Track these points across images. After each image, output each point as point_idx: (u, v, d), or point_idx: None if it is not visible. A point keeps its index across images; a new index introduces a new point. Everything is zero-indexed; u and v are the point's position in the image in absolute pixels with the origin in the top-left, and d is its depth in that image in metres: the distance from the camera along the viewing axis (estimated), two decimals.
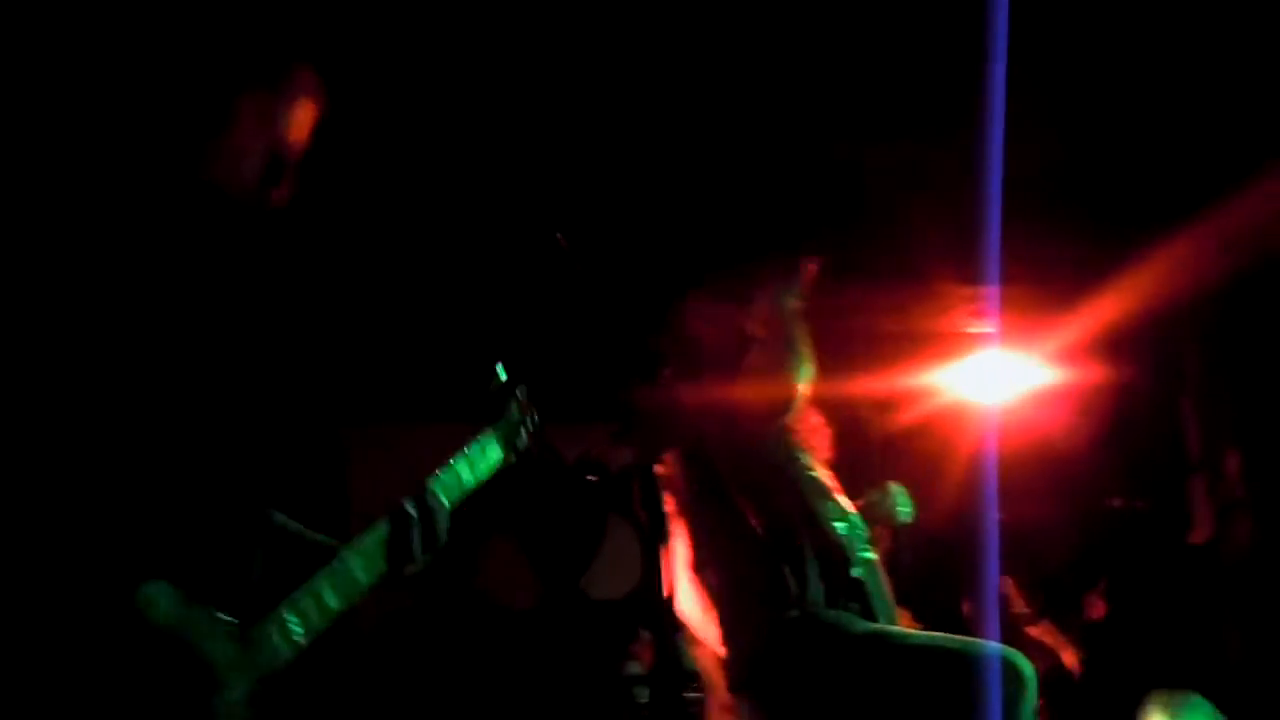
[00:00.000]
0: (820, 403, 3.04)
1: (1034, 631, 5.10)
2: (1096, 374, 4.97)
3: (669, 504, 2.71)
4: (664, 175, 4.03)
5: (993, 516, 4.40)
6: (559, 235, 2.01)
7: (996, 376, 5.13)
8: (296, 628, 1.59)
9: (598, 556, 5.78)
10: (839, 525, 2.64)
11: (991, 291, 4.38)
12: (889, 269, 4.44)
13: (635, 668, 4.98)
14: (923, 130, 3.92)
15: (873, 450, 2.92)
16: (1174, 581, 5.05)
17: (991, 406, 5.10)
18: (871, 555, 2.70)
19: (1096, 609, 5.05)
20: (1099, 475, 5.30)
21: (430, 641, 5.54)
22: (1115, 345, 4.80)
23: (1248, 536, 4.94)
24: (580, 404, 2.10)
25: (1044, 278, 4.63)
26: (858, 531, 2.70)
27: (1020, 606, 5.09)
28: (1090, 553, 5.10)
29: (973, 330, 5.10)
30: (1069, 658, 4.98)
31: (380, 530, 1.75)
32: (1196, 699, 3.38)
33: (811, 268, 2.70)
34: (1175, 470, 5.27)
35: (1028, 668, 2.33)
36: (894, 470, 3.20)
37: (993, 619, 4.87)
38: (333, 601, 1.66)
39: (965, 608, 4.99)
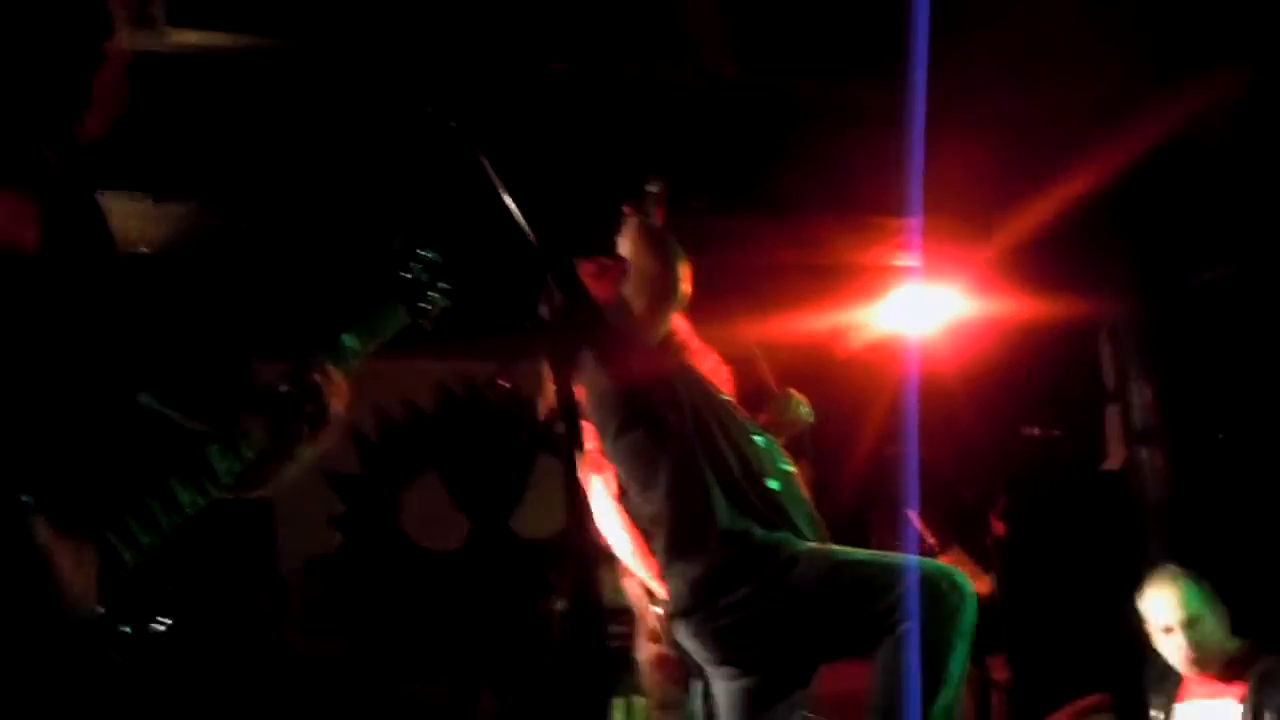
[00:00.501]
0: (734, 337, 3.07)
1: (945, 560, 5.20)
2: (1015, 306, 5.04)
3: (591, 437, 2.70)
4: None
5: (913, 449, 4.48)
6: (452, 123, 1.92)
7: (918, 309, 5.18)
8: (142, 526, 1.44)
9: (526, 494, 5.77)
10: (756, 439, 2.67)
11: (915, 223, 4.40)
12: (813, 201, 4.44)
13: (564, 604, 5.00)
14: (846, 61, 3.89)
15: (772, 388, 2.94)
16: (1086, 508, 5.20)
17: (913, 339, 5.16)
18: (790, 467, 2.72)
19: (998, 528, 5.17)
20: (1016, 405, 5.40)
21: (355, 584, 5.50)
22: (1033, 277, 4.87)
23: (1160, 462, 5.08)
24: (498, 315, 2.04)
25: (967, 209, 4.66)
26: (772, 446, 2.73)
27: (928, 538, 5.19)
28: (1005, 481, 5.20)
29: (896, 263, 5.13)
30: (981, 585, 5.09)
31: (261, 409, 1.63)
32: (1193, 576, 3.49)
33: (659, 190, 2.74)
34: (1090, 400, 5.40)
35: (968, 583, 2.36)
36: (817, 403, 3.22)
37: (910, 549, 4.99)
38: (182, 496, 1.52)
39: (873, 540, 5.09)
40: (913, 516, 5.20)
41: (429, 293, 1.90)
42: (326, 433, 1.70)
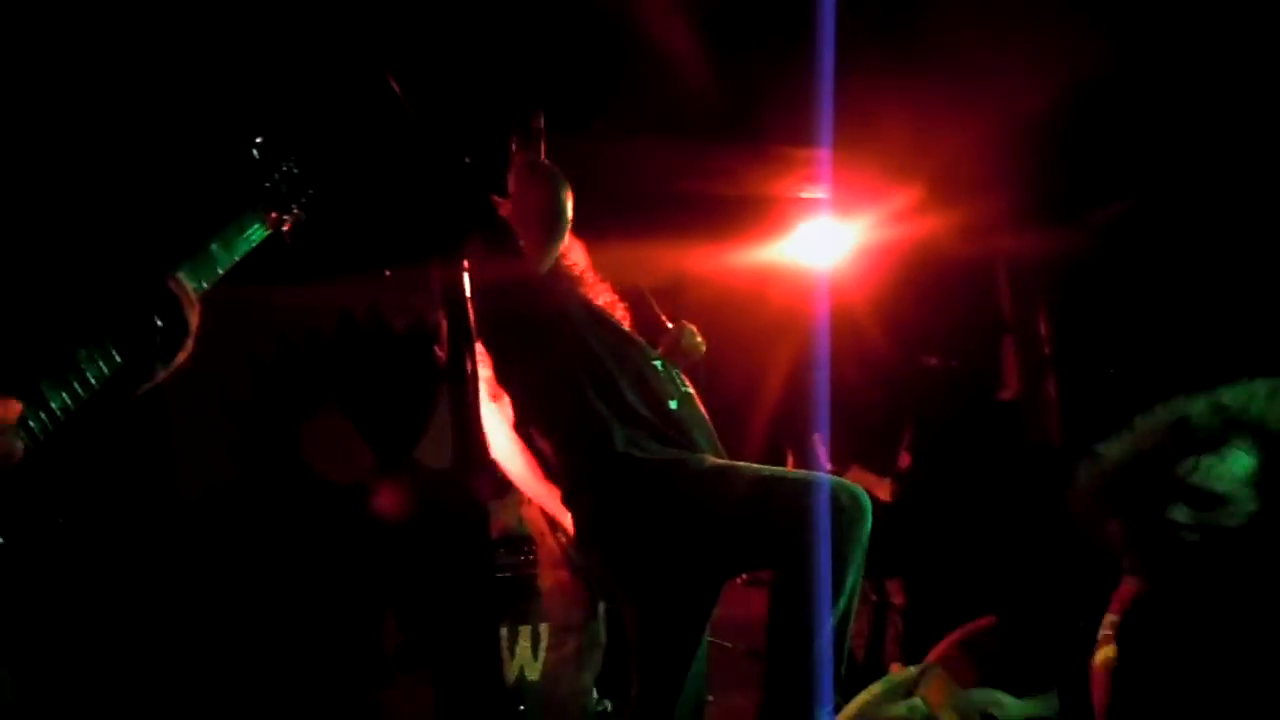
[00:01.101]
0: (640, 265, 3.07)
1: (850, 476, 5.31)
2: (921, 239, 5.10)
3: (487, 364, 2.68)
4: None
5: (823, 376, 4.54)
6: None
7: (827, 241, 5.22)
8: None
9: (431, 425, 5.72)
10: (655, 364, 2.68)
11: (824, 155, 4.41)
12: (724, 131, 4.42)
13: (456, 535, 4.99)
14: None
15: (663, 321, 2.97)
16: (984, 436, 5.33)
17: (822, 271, 5.21)
18: (689, 389, 2.74)
19: (903, 459, 5.29)
20: (920, 336, 5.49)
21: (257, 516, 5.41)
22: (939, 212, 4.93)
23: (1054, 393, 5.24)
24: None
25: (875, 143, 4.68)
26: (670, 370, 2.74)
27: (826, 462, 5.30)
28: (904, 407, 5.31)
29: (805, 195, 5.15)
30: (882, 493, 5.22)
31: (115, 322, 1.58)
32: None
33: (538, 123, 2.72)
34: (989, 331, 5.52)
35: (865, 497, 2.41)
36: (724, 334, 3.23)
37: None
38: (55, 401, 1.48)
39: (789, 461, 5.18)
40: (818, 439, 5.30)
41: (289, 204, 1.84)
42: (185, 345, 1.65)
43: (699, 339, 2.98)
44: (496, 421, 2.77)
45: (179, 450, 5.17)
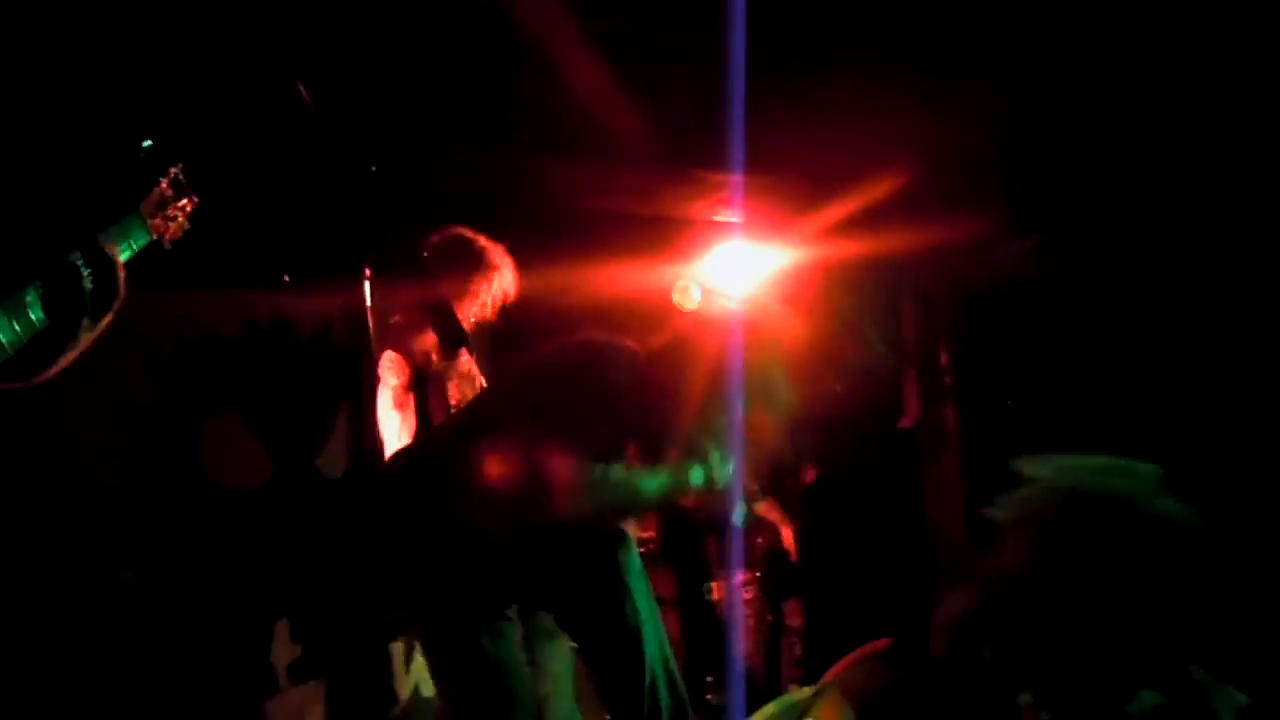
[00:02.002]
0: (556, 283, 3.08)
1: (760, 508, 5.38)
2: (831, 266, 5.18)
3: (398, 373, 2.66)
4: None
5: (736, 403, 4.57)
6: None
7: (740, 266, 5.26)
8: None
9: (332, 433, 5.63)
10: None
11: (737, 179, 4.46)
12: (637, 150, 4.44)
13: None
14: (672, 14, 3.90)
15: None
16: (882, 461, 5.43)
17: (735, 295, 5.24)
18: None
19: (809, 475, 5.37)
20: (828, 363, 5.57)
21: (152, 523, 5.27)
22: (850, 240, 5.00)
23: (953, 422, 5.36)
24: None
25: (788, 170, 4.75)
26: None
27: (750, 484, 5.35)
28: (816, 434, 5.39)
29: (719, 219, 5.19)
30: (787, 534, 5.29)
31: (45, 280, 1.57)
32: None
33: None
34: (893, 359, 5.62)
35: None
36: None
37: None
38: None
39: None
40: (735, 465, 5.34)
41: (172, 210, 1.82)
42: (114, 307, 1.63)
43: None
44: (397, 430, 2.74)
45: (70, 451, 5.01)
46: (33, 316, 1.53)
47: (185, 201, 1.84)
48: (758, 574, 5.35)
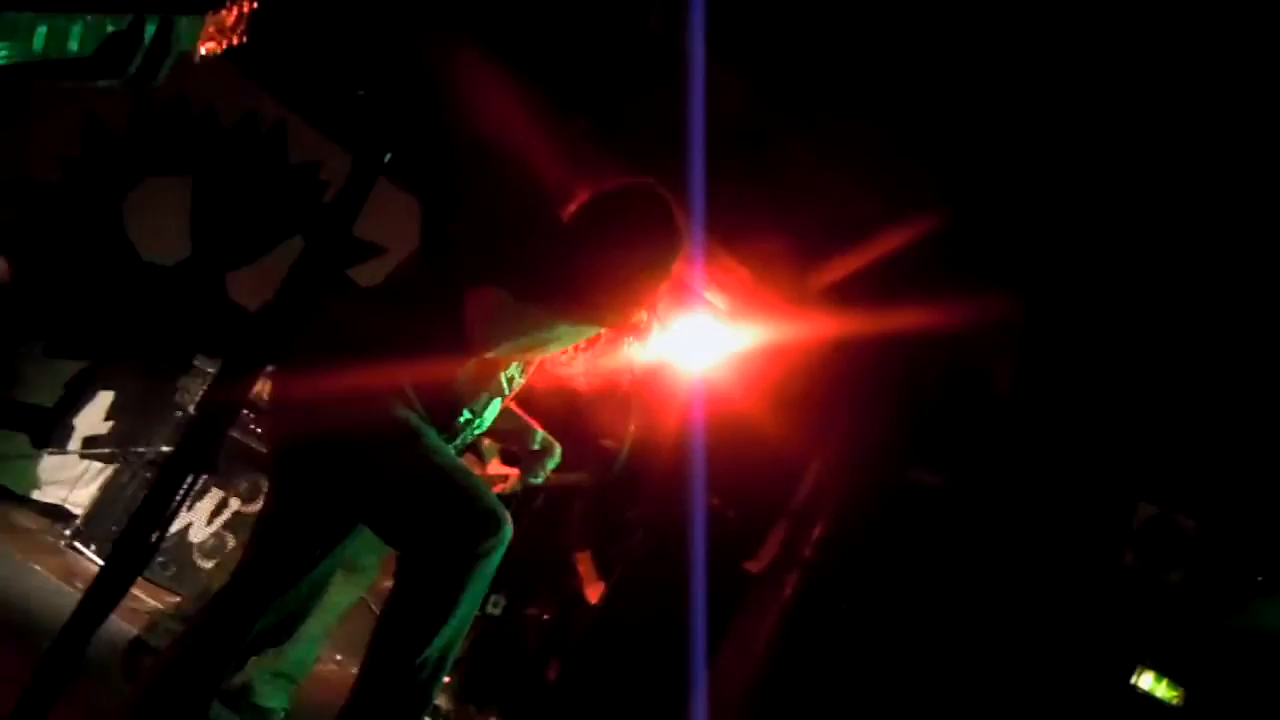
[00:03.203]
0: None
1: (577, 556, 5.35)
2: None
3: None
4: None
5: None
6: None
7: (698, 337, 5.25)
8: None
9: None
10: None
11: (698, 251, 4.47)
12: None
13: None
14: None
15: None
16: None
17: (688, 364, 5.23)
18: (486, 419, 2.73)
19: (634, 544, 5.35)
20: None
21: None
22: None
23: (792, 586, 5.36)
24: None
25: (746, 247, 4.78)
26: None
27: (577, 534, 5.33)
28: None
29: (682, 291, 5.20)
30: (593, 591, 5.25)
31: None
32: None
33: None
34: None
35: (508, 532, 2.40)
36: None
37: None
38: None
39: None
40: (581, 508, 5.34)
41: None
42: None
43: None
44: None
45: None
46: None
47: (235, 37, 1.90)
48: (550, 613, 5.32)
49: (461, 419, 2.57)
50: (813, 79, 3.71)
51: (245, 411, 4.43)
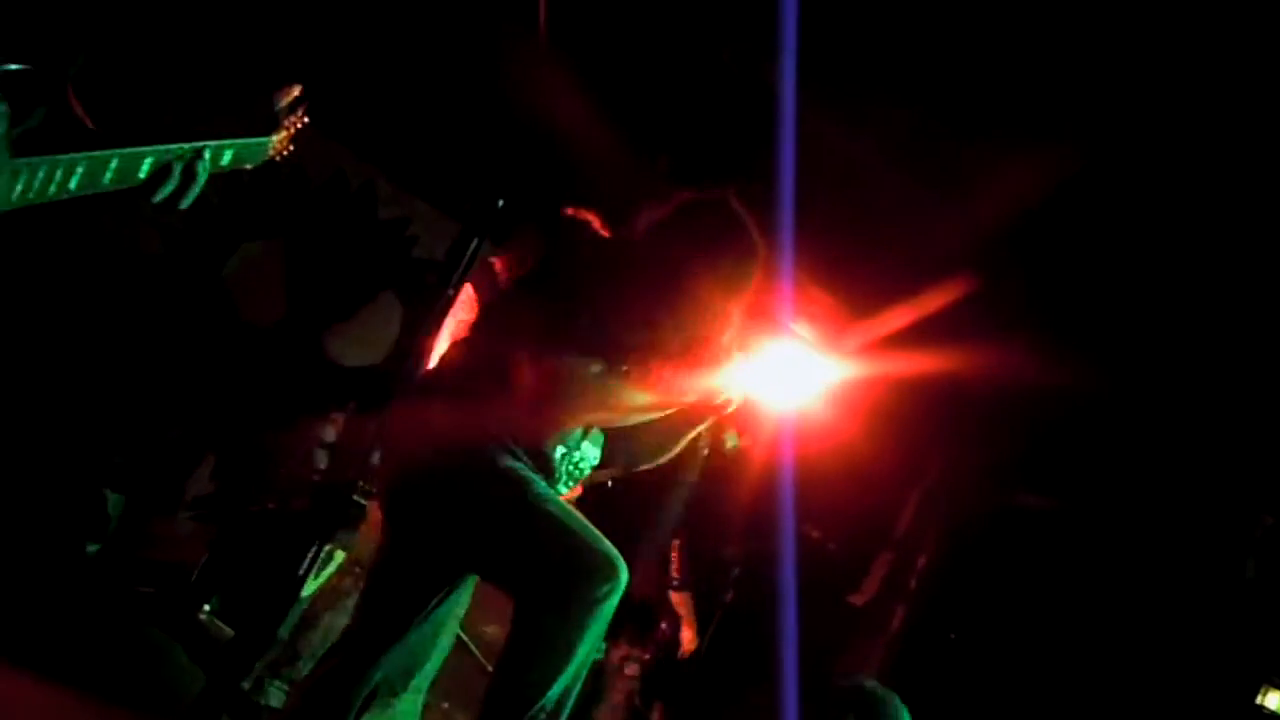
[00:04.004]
0: None
1: (674, 597, 5.32)
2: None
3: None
4: None
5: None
6: None
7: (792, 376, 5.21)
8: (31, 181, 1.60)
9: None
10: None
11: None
12: None
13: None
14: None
15: None
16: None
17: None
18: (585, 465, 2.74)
19: (730, 594, 5.30)
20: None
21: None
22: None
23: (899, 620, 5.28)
24: None
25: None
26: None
27: (674, 570, 5.29)
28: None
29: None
30: (687, 633, 5.21)
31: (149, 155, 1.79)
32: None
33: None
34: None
35: (624, 574, 2.39)
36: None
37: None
38: (72, 181, 1.65)
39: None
40: (676, 546, 5.30)
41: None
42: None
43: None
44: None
45: None
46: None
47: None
48: (646, 656, 5.28)
49: (558, 454, 2.59)
50: (902, 108, 3.70)
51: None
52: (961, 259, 4.30)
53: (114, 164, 1.68)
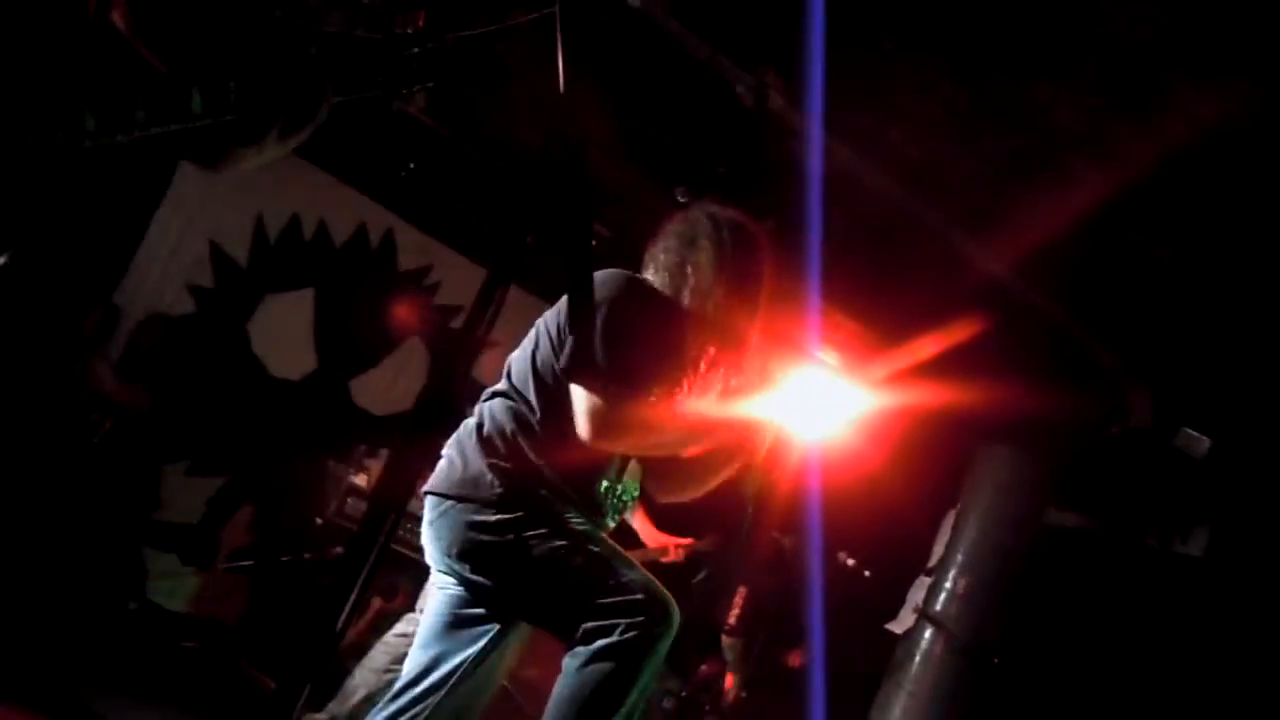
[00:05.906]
0: None
1: (725, 641, 5.30)
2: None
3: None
4: None
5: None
6: None
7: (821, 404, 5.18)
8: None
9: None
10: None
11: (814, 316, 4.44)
12: None
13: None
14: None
15: None
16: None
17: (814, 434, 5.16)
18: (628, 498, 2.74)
19: (794, 659, 5.26)
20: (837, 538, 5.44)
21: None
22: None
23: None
24: None
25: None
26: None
27: (733, 616, 5.27)
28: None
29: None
30: (731, 679, 5.18)
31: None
32: None
33: None
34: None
35: (676, 617, 2.39)
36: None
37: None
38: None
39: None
40: (741, 593, 5.28)
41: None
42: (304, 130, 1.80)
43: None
44: None
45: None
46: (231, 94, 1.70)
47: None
48: (684, 693, 5.26)
49: (602, 487, 2.60)
50: (924, 142, 3.71)
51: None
52: (991, 290, 4.30)
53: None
